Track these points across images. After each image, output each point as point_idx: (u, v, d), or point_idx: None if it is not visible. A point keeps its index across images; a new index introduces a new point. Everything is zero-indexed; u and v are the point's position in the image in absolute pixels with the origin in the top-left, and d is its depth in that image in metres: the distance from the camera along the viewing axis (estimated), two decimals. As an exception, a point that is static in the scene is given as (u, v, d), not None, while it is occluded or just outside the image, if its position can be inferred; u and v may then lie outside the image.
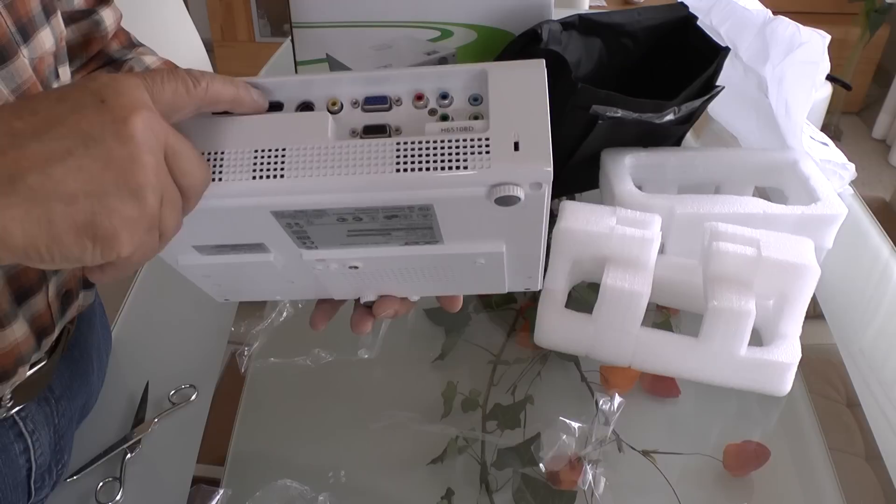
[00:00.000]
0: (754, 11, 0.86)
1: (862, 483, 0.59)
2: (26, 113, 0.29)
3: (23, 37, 0.46)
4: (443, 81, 0.37)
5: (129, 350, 0.73)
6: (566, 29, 0.81)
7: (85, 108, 0.30)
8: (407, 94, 0.37)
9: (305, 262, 0.42)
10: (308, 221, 0.38)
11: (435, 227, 0.38)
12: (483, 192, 0.34)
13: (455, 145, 0.34)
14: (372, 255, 0.42)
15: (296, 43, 0.85)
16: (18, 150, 0.29)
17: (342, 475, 0.60)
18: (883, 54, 2.76)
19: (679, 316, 0.72)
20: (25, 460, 0.55)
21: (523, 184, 0.34)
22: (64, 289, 0.54)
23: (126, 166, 0.30)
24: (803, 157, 0.81)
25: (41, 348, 0.52)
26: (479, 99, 0.36)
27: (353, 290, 0.48)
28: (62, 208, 0.29)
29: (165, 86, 0.33)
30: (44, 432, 0.56)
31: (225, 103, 0.35)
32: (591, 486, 0.56)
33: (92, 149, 0.29)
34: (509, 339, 0.72)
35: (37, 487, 0.57)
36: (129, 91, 0.31)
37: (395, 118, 0.37)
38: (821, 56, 0.78)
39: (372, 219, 0.37)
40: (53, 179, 0.29)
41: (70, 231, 0.29)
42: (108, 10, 0.61)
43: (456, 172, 0.34)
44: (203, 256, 0.42)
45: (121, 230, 0.30)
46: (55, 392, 0.58)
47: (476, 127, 0.35)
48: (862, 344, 0.72)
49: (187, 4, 1.79)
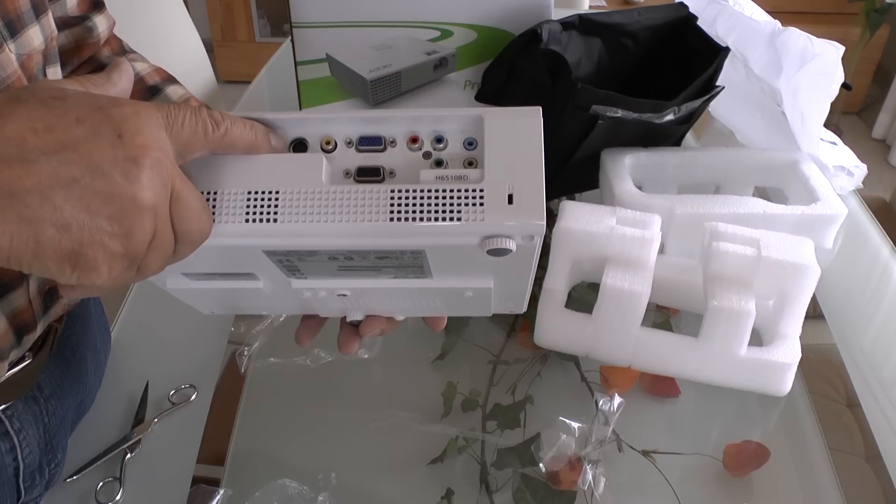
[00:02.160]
0: (762, 22, 0.86)
1: (862, 483, 0.59)
2: (42, 128, 0.29)
3: (10, 31, 0.46)
4: (438, 124, 0.37)
5: (129, 350, 0.73)
6: (566, 29, 0.81)
7: (100, 139, 0.30)
8: (402, 136, 0.37)
9: (294, 290, 0.42)
10: (299, 258, 0.38)
11: (425, 267, 0.39)
12: (475, 241, 0.35)
13: (449, 195, 0.34)
14: (361, 286, 0.42)
15: (296, 43, 0.85)
16: (24, 166, 0.29)
17: (342, 475, 0.60)
18: (883, 54, 2.75)
19: (679, 316, 0.72)
20: (12, 459, 0.54)
21: (516, 236, 0.34)
22: (46, 286, 0.54)
23: (125, 206, 0.30)
24: (803, 157, 0.81)
25: (22, 345, 0.52)
26: (475, 143, 0.36)
27: (339, 310, 0.49)
28: (52, 233, 0.29)
29: (185, 126, 0.33)
30: (32, 431, 0.56)
31: (241, 149, 0.35)
32: (591, 486, 0.56)
33: (97, 181, 0.29)
34: (509, 339, 0.72)
35: (27, 487, 0.56)
36: (148, 131, 0.31)
37: (389, 160, 0.37)
38: (835, 67, 0.79)
39: (363, 258, 0.37)
40: (52, 204, 0.29)
41: (54, 255, 0.30)
42: (101, 16, 0.62)
43: (449, 223, 0.34)
44: (192, 282, 0.43)
45: (102, 263, 0.31)
46: (44, 391, 0.58)
47: (471, 176, 0.35)
48: (862, 344, 0.72)
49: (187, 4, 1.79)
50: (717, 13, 0.91)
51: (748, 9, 0.93)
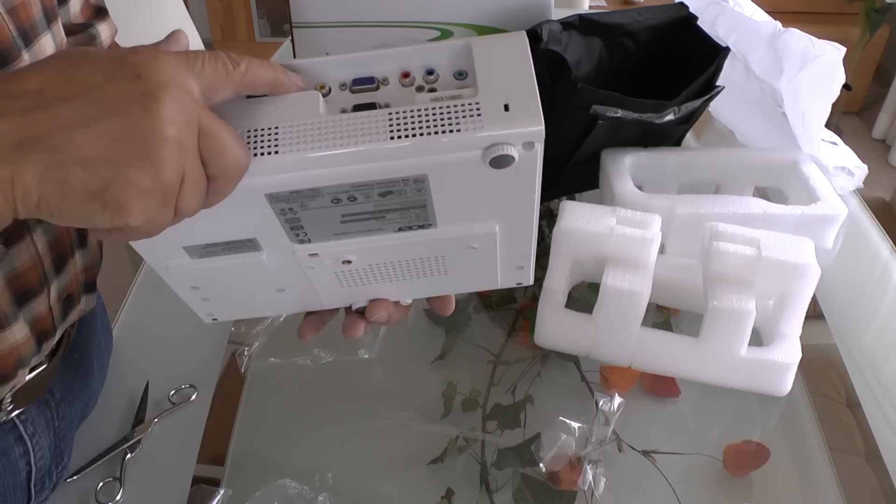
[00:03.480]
0: (762, 23, 0.86)
1: (862, 483, 0.59)
2: (63, 79, 0.30)
3: (24, 41, 0.47)
4: (428, 58, 0.37)
5: (129, 350, 0.73)
6: (566, 29, 0.81)
7: (119, 80, 0.30)
8: (393, 74, 0.37)
9: (298, 259, 0.42)
10: (302, 205, 0.37)
11: (429, 205, 0.39)
12: (478, 155, 0.35)
13: (447, 110, 0.34)
14: (365, 245, 0.42)
15: (296, 43, 0.85)
16: (44, 111, 0.29)
17: (342, 475, 0.60)
18: (883, 54, 2.75)
19: (679, 316, 0.72)
20: (25, 463, 0.55)
21: (516, 143, 0.35)
22: (66, 293, 0.54)
23: (148, 138, 0.30)
24: (804, 157, 0.81)
25: (41, 351, 0.52)
26: (465, 74, 0.37)
27: (344, 297, 0.48)
28: (78, 171, 0.29)
29: (206, 67, 0.33)
30: (44, 435, 0.56)
31: (263, 86, 0.35)
32: (591, 486, 0.56)
33: (117, 118, 0.30)
34: (509, 339, 0.72)
35: (37, 490, 0.57)
36: (168, 69, 0.31)
37: (383, 96, 0.37)
38: (836, 68, 0.79)
39: (367, 197, 0.37)
40: (74, 143, 0.29)
41: (82, 193, 0.30)
42: (105, 24, 0.62)
43: (449, 136, 0.34)
44: (193, 261, 0.42)
45: (132, 200, 0.30)
46: (55, 395, 0.58)
47: (465, 94, 0.35)
48: (862, 344, 0.72)
49: (187, 4, 1.79)
50: (718, 14, 0.91)
51: (748, 10, 0.93)
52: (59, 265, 0.52)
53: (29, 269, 0.49)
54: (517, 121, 0.34)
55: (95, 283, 0.59)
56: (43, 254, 0.49)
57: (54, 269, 0.51)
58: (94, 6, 0.61)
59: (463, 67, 0.37)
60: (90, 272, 0.58)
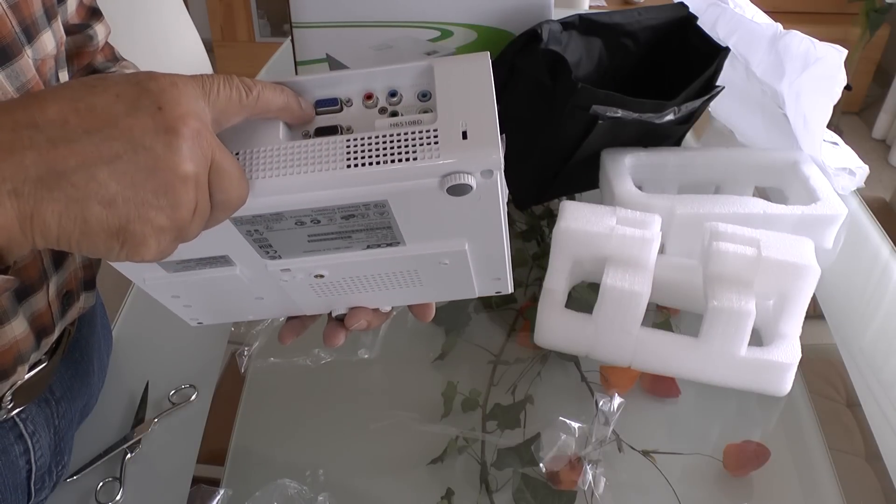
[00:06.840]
0: (763, 24, 0.86)
1: (862, 483, 0.59)
2: (84, 108, 0.30)
3: (27, 37, 0.47)
4: (391, 80, 0.37)
5: (129, 350, 0.73)
6: (566, 29, 0.81)
7: (141, 113, 0.30)
8: (357, 95, 0.37)
9: (271, 273, 0.42)
10: (267, 227, 0.37)
11: (394, 226, 0.38)
12: (435, 183, 0.34)
13: (404, 138, 0.34)
14: (335, 261, 0.41)
15: (296, 43, 0.85)
16: (68, 146, 0.29)
17: (342, 475, 0.60)
18: (883, 54, 2.75)
19: (679, 316, 0.72)
20: (25, 462, 0.55)
21: (474, 171, 0.34)
22: (65, 289, 0.54)
23: (168, 177, 0.30)
24: (804, 157, 0.81)
25: (41, 348, 0.52)
26: (428, 95, 0.37)
27: (323, 305, 0.48)
28: (99, 210, 0.29)
29: (220, 95, 0.33)
30: (44, 434, 0.56)
31: (274, 112, 0.35)
32: (591, 486, 0.56)
33: (140, 155, 0.30)
34: (509, 339, 0.72)
35: (37, 489, 0.57)
36: (186, 101, 0.31)
37: (346, 119, 0.37)
38: (837, 70, 0.79)
39: (330, 220, 0.37)
40: (96, 181, 0.29)
41: (102, 232, 0.30)
42: (101, 25, 0.62)
43: (406, 164, 0.34)
44: (169, 274, 0.42)
45: (150, 238, 0.31)
46: (56, 394, 0.58)
47: (424, 120, 0.35)
48: (862, 344, 0.72)
49: (187, 4, 1.79)
50: (718, 15, 0.91)
51: (749, 11, 0.93)
52: (58, 261, 0.52)
53: (28, 265, 0.49)
54: (474, 149, 0.34)
55: (95, 280, 0.59)
56: (42, 249, 0.50)
57: (53, 265, 0.52)
58: (88, 7, 0.62)
59: (427, 88, 0.37)
60: (89, 269, 0.58)
